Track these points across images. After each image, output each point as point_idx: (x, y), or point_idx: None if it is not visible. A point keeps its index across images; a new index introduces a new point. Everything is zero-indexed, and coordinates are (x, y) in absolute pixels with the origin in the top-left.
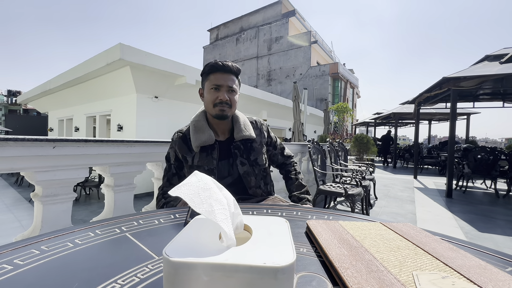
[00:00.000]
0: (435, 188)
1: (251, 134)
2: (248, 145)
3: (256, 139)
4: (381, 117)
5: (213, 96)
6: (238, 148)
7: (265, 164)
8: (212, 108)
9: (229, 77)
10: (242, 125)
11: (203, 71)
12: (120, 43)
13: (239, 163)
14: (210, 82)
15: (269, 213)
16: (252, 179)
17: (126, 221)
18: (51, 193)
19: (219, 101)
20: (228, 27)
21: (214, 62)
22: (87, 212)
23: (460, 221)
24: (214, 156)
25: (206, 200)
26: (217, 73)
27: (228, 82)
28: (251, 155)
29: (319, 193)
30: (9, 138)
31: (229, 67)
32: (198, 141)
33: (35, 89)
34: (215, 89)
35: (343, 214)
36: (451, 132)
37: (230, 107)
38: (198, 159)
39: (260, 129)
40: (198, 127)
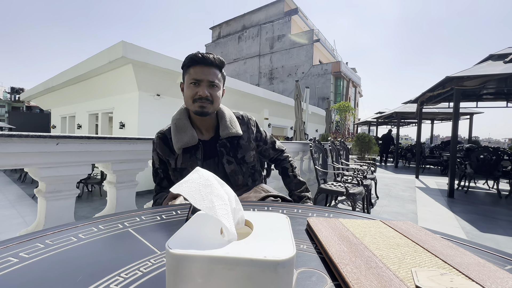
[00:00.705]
0: (437, 188)
1: (238, 131)
2: (235, 142)
3: (243, 136)
4: (383, 116)
5: (192, 92)
6: (224, 146)
7: (253, 161)
8: (191, 104)
9: (210, 71)
10: (228, 122)
11: (183, 64)
12: (122, 41)
13: (225, 162)
14: (189, 76)
15: (270, 211)
16: (240, 177)
17: (128, 217)
18: (54, 189)
19: (199, 96)
20: (230, 25)
21: (194, 54)
22: (89, 209)
23: (461, 221)
24: (198, 156)
25: (207, 196)
26: (197, 66)
27: (208, 77)
28: (238, 153)
29: (320, 192)
30: (14, 134)
31: (209, 60)
32: (180, 143)
33: (38, 86)
34: (194, 83)
35: (344, 212)
36: (454, 131)
37: (212, 103)
38: (182, 161)
39: (247, 124)
40: (180, 127)
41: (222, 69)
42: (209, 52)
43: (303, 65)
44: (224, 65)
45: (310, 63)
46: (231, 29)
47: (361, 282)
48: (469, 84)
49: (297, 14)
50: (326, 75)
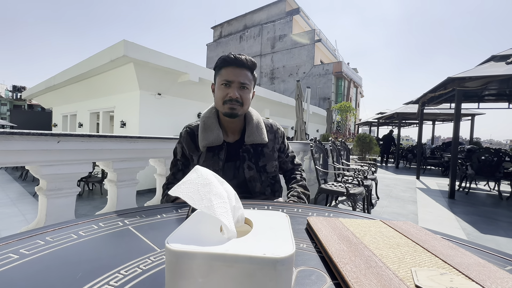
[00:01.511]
0: (438, 189)
1: (263, 139)
2: (258, 149)
3: (268, 144)
4: (384, 117)
5: (223, 93)
6: (247, 152)
7: (274, 172)
8: (221, 106)
9: (241, 72)
10: (255, 128)
11: (215, 65)
12: (124, 40)
13: (246, 167)
14: (221, 77)
15: (270, 210)
16: (257, 184)
17: (129, 215)
18: (55, 187)
19: (229, 98)
20: (232, 25)
21: (227, 55)
22: (90, 207)
23: (462, 222)
24: (221, 157)
25: (206, 196)
26: (229, 67)
27: (240, 78)
28: (260, 161)
29: (320, 192)
30: (15, 132)
31: (242, 61)
32: (206, 141)
33: (40, 84)
34: (225, 85)
35: (344, 212)
36: (455, 133)
37: (242, 106)
38: (204, 159)
39: (274, 133)
40: (207, 125)
41: (253, 71)
42: (242, 54)
43: (304, 65)
44: (255, 67)
45: (312, 63)
46: (232, 28)
47: (361, 281)
48: (471, 85)
49: (299, 14)
50: (327, 75)
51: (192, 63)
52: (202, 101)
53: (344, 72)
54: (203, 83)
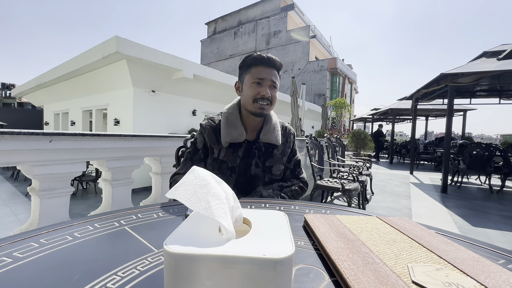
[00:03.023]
0: (431, 184)
1: (277, 141)
2: (270, 150)
3: (279, 147)
4: (379, 112)
5: (255, 91)
6: (259, 149)
7: (279, 175)
8: (251, 104)
9: (272, 72)
10: (272, 128)
11: (243, 63)
12: (116, 36)
13: (253, 164)
14: (252, 75)
15: (267, 208)
16: (260, 184)
17: (124, 214)
18: (48, 187)
19: (261, 96)
20: (226, 21)
21: (258, 54)
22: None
23: (454, 216)
24: (240, 154)
25: (203, 197)
26: (261, 66)
27: (271, 77)
28: (267, 161)
29: (316, 188)
30: (5, 131)
31: (273, 61)
32: (229, 137)
33: (30, 82)
34: (257, 83)
35: (340, 208)
36: (448, 128)
37: (271, 104)
38: (225, 154)
39: (287, 137)
40: (231, 121)
41: (279, 72)
42: (270, 54)
43: (299, 61)
44: (281, 68)
45: (306, 59)
46: (227, 24)
47: (359, 278)
48: (463, 81)
49: (294, 10)
50: (322, 71)
51: (186, 59)
52: (197, 98)
53: (339, 69)
54: (198, 80)
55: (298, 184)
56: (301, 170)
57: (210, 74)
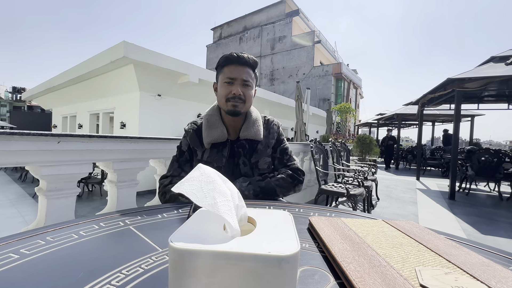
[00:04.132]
0: (438, 190)
1: (257, 136)
2: (254, 145)
3: (262, 141)
4: (384, 118)
5: (226, 90)
6: (242, 147)
7: (267, 168)
8: (224, 103)
9: (244, 70)
10: (252, 123)
11: (217, 64)
12: (124, 41)
13: (241, 163)
14: (223, 75)
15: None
16: None
17: (129, 215)
18: (55, 188)
19: (232, 95)
20: (232, 26)
21: (229, 53)
22: (89, 209)
23: (462, 223)
24: (224, 154)
25: (209, 194)
26: (232, 65)
27: (242, 75)
28: (252, 157)
29: (320, 193)
30: (15, 132)
31: (244, 59)
32: (210, 137)
33: (40, 86)
34: (228, 83)
35: (346, 212)
36: (455, 134)
37: (244, 103)
38: (208, 155)
39: (269, 129)
40: (211, 123)
41: (255, 69)
42: (243, 52)
43: (304, 66)
44: (257, 65)
45: (311, 64)
46: (232, 30)
47: (365, 280)
48: (471, 86)
49: (298, 16)
50: (327, 76)
51: (192, 64)
52: (202, 102)
53: (343, 73)
54: (203, 84)
55: (285, 172)
56: (290, 158)
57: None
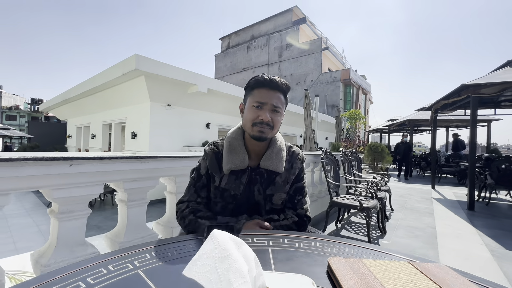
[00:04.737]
0: (455, 200)
1: (278, 168)
2: (272, 176)
3: (282, 174)
4: (396, 124)
5: (254, 115)
6: (260, 175)
7: (280, 204)
8: (250, 127)
9: (275, 95)
10: (274, 154)
11: (247, 85)
12: (135, 54)
13: (256, 190)
14: (252, 97)
15: (285, 243)
16: (262, 212)
17: (138, 253)
18: (66, 210)
19: (260, 120)
20: (239, 35)
21: (261, 76)
22: (101, 218)
23: (484, 237)
24: (243, 181)
25: (224, 275)
26: (262, 88)
27: (273, 100)
28: (268, 188)
29: (332, 206)
30: (29, 158)
31: (276, 83)
32: (230, 164)
33: (56, 98)
34: (257, 107)
35: (366, 246)
36: (472, 140)
37: (272, 129)
38: (227, 181)
39: (292, 163)
40: (233, 147)
41: (286, 94)
42: (276, 75)
43: (311, 73)
44: (289, 90)
45: (319, 71)
46: (240, 39)
47: None
48: (487, 91)
49: (305, 23)
50: (335, 82)
51: (200, 74)
52: (211, 112)
53: (352, 79)
54: (212, 94)
55: (292, 218)
56: (303, 199)
57: (223, 88)
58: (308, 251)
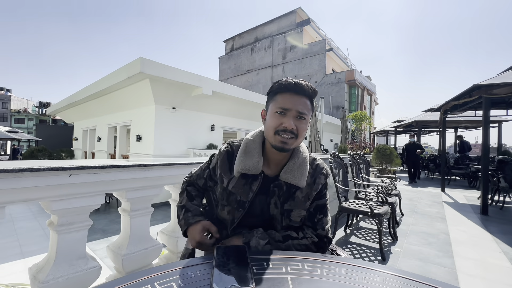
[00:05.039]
0: (467, 203)
1: (299, 182)
2: (292, 190)
3: (303, 189)
4: (403, 125)
5: (277, 122)
6: (279, 187)
7: (299, 222)
8: (272, 136)
9: (300, 100)
10: (297, 166)
11: (270, 90)
12: (140, 57)
13: (273, 203)
14: (276, 103)
15: (305, 269)
16: (278, 227)
17: (140, 284)
18: (66, 222)
19: (283, 128)
20: (243, 38)
21: (285, 80)
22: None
23: (502, 244)
24: (253, 188)
25: None
26: (287, 93)
27: (298, 107)
28: (287, 203)
29: (341, 211)
30: (25, 168)
31: (301, 87)
32: (242, 166)
33: (62, 101)
34: (280, 113)
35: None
36: (485, 142)
37: (296, 138)
38: (234, 185)
39: (316, 177)
40: (249, 149)
41: (313, 100)
42: (302, 80)
43: (316, 74)
44: (316, 95)
45: (323, 72)
46: (244, 41)
47: None
48: (500, 92)
49: (309, 25)
50: (340, 83)
51: (205, 77)
52: (216, 114)
53: (357, 80)
54: (216, 96)
55: (311, 238)
56: (324, 219)
57: (228, 90)
58: (334, 280)
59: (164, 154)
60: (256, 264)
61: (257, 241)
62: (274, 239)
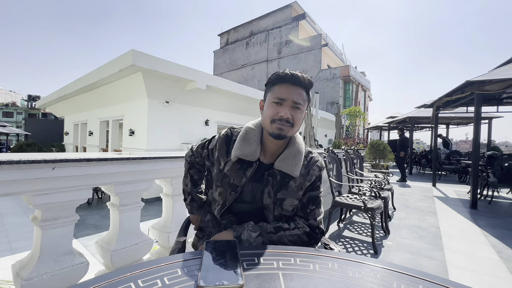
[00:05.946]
0: (457, 198)
1: (292, 172)
2: (285, 180)
3: (296, 179)
4: (396, 121)
5: (274, 111)
6: (273, 176)
7: (291, 211)
8: (269, 125)
9: (296, 91)
10: (291, 155)
11: (268, 81)
12: (132, 50)
13: (266, 192)
14: (273, 94)
15: (297, 264)
16: (270, 216)
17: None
18: (51, 217)
19: (279, 117)
20: (238, 32)
21: (282, 71)
22: (98, 217)
23: (490, 237)
24: (247, 174)
25: None
26: (283, 84)
27: (294, 97)
28: (280, 192)
29: (335, 206)
30: (3, 161)
31: (298, 78)
32: (239, 151)
33: (52, 94)
34: (277, 103)
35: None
36: (475, 138)
37: (292, 127)
38: (230, 168)
39: (309, 169)
40: (248, 137)
41: (309, 90)
42: (298, 71)
43: (311, 70)
44: (312, 86)
45: (318, 67)
46: (239, 35)
47: None
48: (491, 88)
49: (305, 19)
50: (334, 79)
51: (199, 70)
52: (210, 108)
53: (352, 76)
54: (211, 91)
55: (303, 228)
56: (316, 210)
57: (222, 84)
58: (327, 275)
59: (157, 148)
60: (247, 260)
61: (248, 233)
62: (266, 231)
